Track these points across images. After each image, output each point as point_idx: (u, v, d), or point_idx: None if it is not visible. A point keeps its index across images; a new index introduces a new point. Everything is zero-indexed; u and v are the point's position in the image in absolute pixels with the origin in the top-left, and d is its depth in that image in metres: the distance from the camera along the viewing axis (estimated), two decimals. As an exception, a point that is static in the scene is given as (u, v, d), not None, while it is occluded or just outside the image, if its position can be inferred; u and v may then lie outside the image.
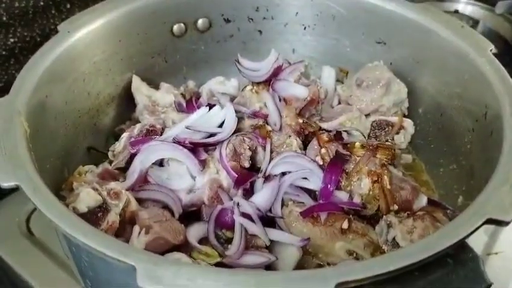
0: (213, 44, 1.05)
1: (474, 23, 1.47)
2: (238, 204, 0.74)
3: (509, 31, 1.41)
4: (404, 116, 0.96)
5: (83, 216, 0.66)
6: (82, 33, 0.87)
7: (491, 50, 0.85)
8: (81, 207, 0.67)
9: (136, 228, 0.70)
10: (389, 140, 0.90)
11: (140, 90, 0.95)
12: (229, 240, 0.75)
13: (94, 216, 0.67)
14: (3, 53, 1.03)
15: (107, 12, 0.91)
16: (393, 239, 0.76)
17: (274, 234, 0.75)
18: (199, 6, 1.02)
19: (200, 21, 1.03)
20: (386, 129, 0.91)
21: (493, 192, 0.64)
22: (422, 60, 0.95)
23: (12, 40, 1.04)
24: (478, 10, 1.53)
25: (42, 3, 1.06)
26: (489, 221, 0.60)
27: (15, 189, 0.96)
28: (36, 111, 0.75)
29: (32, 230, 0.95)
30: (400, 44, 0.98)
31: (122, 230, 0.72)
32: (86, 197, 0.68)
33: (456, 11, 1.52)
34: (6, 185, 0.60)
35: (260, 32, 1.07)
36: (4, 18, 1.01)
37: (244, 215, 0.74)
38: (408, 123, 0.93)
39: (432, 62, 0.93)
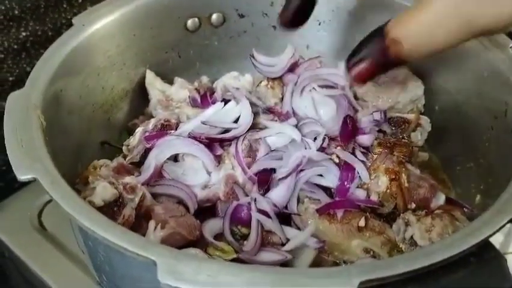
0: (227, 39, 1.05)
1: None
2: (255, 200, 0.73)
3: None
4: (421, 113, 0.94)
5: (99, 210, 0.65)
6: (97, 27, 0.87)
7: (511, 47, 0.84)
8: (97, 201, 0.66)
9: (152, 223, 0.69)
10: (406, 138, 0.89)
11: (154, 85, 0.94)
12: (245, 237, 0.74)
13: (110, 211, 0.67)
14: (15, 46, 1.03)
15: (121, 6, 0.91)
16: (411, 237, 0.75)
17: (290, 232, 0.75)
18: (214, 1, 1.01)
19: (214, 16, 1.02)
20: (403, 126, 0.89)
21: (515, 192, 0.63)
22: (439, 58, 0.93)
23: (24, 34, 1.04)
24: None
25: (54, -3, 1.06)
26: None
27: (26, 183, 0.97)
28: (51, 105, 0.75)
29: (44, 224, 0.94)
30: (417, 40, 0.96)
31: (138, 225, 0.71)
32: (103, 191, 0.67)
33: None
34: (24, 177, 0.60)
35: (274, 27, 1.06)
36: (16, 12, 1.00)
37: (261, 211, 0.73)
38: (425, 120, 0.91)
39: (450, 59, 0.92)
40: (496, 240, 0.93)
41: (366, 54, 0.70)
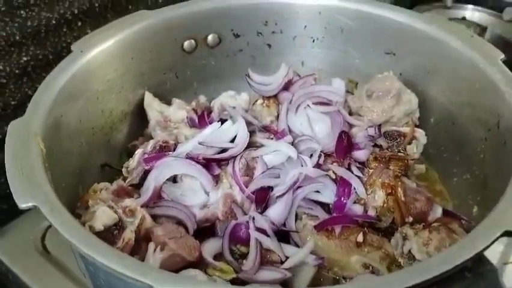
0: (223, 59, 1.06)
1: (482, 29, 1.47)
2: (253, 218, 0.74)
3: (517, 37, 1.41)
4: (416, 126, 0.95)
5: (99, 234, 0.66)
6: (95, 52, 0.89)
7: (501, 59, 0.85)
8: (97, 225, 0.67)
9: (152, 245, 0.70)
10: (401, 151, 0.90)
11: (153, 106, 0.96)
12: (244, 256, 0.75)
13: (110, 235, 0.68)
14: (16, 71, 1.04)
15: (119, 31, 0.93)
16: (409, 251, 0.75)
17: (289, 250, 0.75)
18: (209, 23, 1.03)
19: (210, 37, 1.04)
20: (398, 139, 0.90)
21: (509, 204, 0.64)
22: (432, 70, 0.95)
23: (25, 59, 1.05)
24: (486, 17, 1.53)
25: (54, 22, 1.08)
26: (506, 233, 0.59)
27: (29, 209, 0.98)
28: (51, 131, 0.76)
29: (48, 248, 0.95)
30: (409, 54, 0.98)
31: (137, 248, 0.72)
32: (102, 215, 0.68)
33: (463, 18, 1.52)
34: (24, 205, 0.61)
35: (269, 45, 1.08)
36: (17, 37, 1.02)
37: (259, 230, 0.74)
38: (420, 133, 0.92)
39: (443, 72, 0.93)
40: (496, 250, 0.93)
41: None
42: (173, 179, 0.82)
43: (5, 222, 1.01)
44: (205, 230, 0.79)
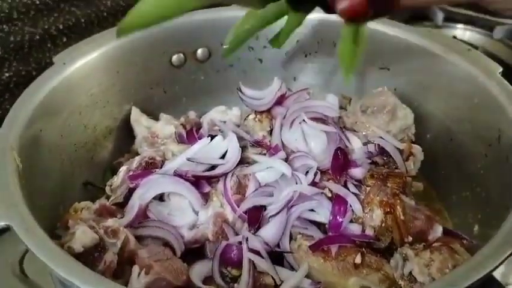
0: (213, 74, 1.04)
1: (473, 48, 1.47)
2: (247, 239, 0.70)
3: (510, 56, 1.41)
4: (412, 142, 0.93)
5: (80, 256, 0.62)
6: (78, 65, 0.86)
7: (500, 72, 0.83)
8: (77, 246, 0.62)
9: (136, 268, 0.66)
10: (398, 168, 0.87)
11: (140, 122, 0.93)
12: (235, 279, 0.71)
13: (90, 256, 0.64)
14: (-2, 87, 1.02)
15: (104, 43, 0.90)
16: (410, 273, 0.72)
17: (283, 273, 0.71)
18: (199, 37, 1.00)
19: (199, 51, 1.02)
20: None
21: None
22: (428, 85, 0.93)
23: (7, 74, 1.03)
24: (476, 36, 1.53)
25: (38, 37, 1.06)
26: (515, 254, 0.56)
27: (6, 229, 0.93)
28: (29, 145, 0.72)
29: (26, 272, 0.89)
30: (404, 69, 0.96)
31: (120, 271, 0.68)
32: (82, 236, 0.63)
33: (454, 37, 1.52)
34: (-3, 225, 0.56)
35: (260, 60, 1.05)
36: (-1, 53, 1.00)
37: (252, 251, 0.70)
38: (417, 149, 0.89)
39: (439, 87, 0.91)
40: (498, 271, 0.90)
41: None
42: (160, 198, 0.78)
43: (-20, 246, 0.96)
44: (193, 252, 0.75)
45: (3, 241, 0.95)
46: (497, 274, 0.88)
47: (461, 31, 1.55)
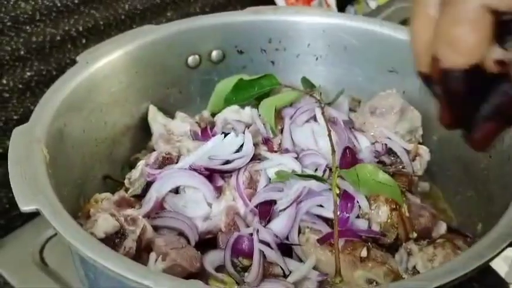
0: (227, 75, 1.06)
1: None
2: (257, 231, 0.74)
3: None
4: (419, 143, 0.95)
5: (101, 242, 0.65)
6: (101, 64, 0.89)
7: (503, 76, 0.86)
8: (99, 233, 0.66)
9: (153, 255, 0.70)
10: (405, 167, 0.90)
11: (156, 120, 0.96)
12: (246, 268, 0.74)
13: (111, 243, 0.67)
14: (20, 86, 1.05)
15: (125, 44, 0.94)
16: (414, 267, 0.75)
17: (292, 264, 0.74)
18: (214, 39, 1.04)
19: (214, 53, 1.05)
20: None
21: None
22: (435, 88, 0.96)
23: (28, 74, 1.06)
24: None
25: (59, 38, 1.09)
26: (513, 244, 0.59)
27: (28, 220, 0.97)
28: (55, 139, 0.76)
29: (46, 261, 0.94)
30: (413, 72, 0.97)
31: (138, 258, 0.71)
32: (104, 223, 0.67)
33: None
34: (27, 208, 0.60)
35: (272, 62, 1.09)
36: (22, 52, 1.03)
37: (263, 242, 0.73)
38: (423, 150, 0.92)
39: (446, 90, 0.94)
40: (501, 271, 0.92)
41: (493, 109, 0.46)
42: (176, 190, 0.81)
43: (2, 236, 1.00)
44: (207, 242, 0.78)
45: (24, 231, 1.00)
46: (502, 273, 0.91)
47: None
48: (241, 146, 0.84)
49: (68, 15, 1.09)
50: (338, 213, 0.79)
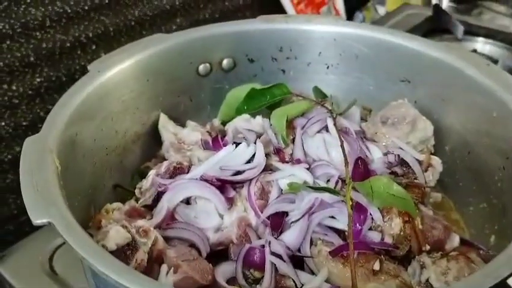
0: (237, 83, 1.06)
1: (493, 62, 1.48)
2: (269, 243, 0.73)
3: (529, 70, 1.41)
4: (431, 153, 0.95)
5: (112, 254, 0.65)
6: (112, 73, 0.89)
7: (518, 87, 0.85)
8: (110, 245, 0.66)
9: (164, 267, 0.69)
10: (417, 178, 0.89)
11: (167, 128, 0.96)
12: (257, 281, 0.73)
13: (122, 255, 0.67)
14: (30, 92, 1.05)
15: (136, 53, 0.94)
16: (427, 280, 0.74)
17: (304, 277, 0.74)
18: (225, 47, 1.04)
19: (225, 61, 1.05)
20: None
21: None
22: (447, 98, 0.95)
23: (38, 80, 1.07)
24: (497, 49, 1.54)
25: (68, 44, 1.10)
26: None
27: (36, 227, 0.97)
28: (66, 149, 0.76)
29: (55, 269, 0.93)
30: (424, 82, 0.98)
31: (149, 269, 0.71)
32: (116, 235, 0.67)
33: (474, 51, 1.53)
34: (39, 221, 0.60)
35: (283, 71, 1.08)
36: (32, 59, 1.04)
37: (275, 254, 0.73)
38: (436, 160, 0.91)
39: (459, 100, 0.93)
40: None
41: None
42: (187, 201, 0.81)
43: (11, 244, 1.00)
44: (218, 254, 0.78)
45: (34, 239, 0.99)
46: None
47: (482, 44, 1.56)
48: (253, 156, 0.84)
49: (78, 22, 1.10)
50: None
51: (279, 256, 0.73)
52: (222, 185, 0.80)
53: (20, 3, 0.99)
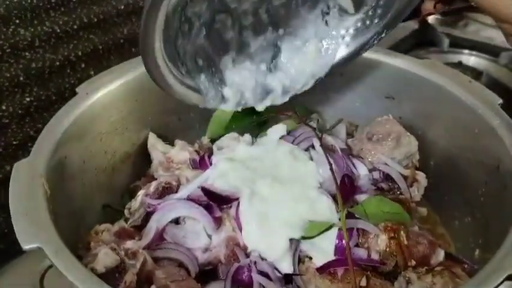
0: (225, 101, 1.07)
1: (478, 74, 1.51)
2: (255, 263, 0.74)
3: (513, 82, 1.43)
4: (416, 168, 0.96)
5: (101, 276, 0.66)
6: (100, 95, 0.90)
7: (499, 104, 0.87)
8: (99, 267, 0.67)
9: (153, 288, 0.70)
10: (403, 193, 0.90)
11: (156, 147, 0.97)
12: (246, 300, 0.74)
13: (111, 277, 0.67)
14: (19, 111, 1.06)
15: (124, 73, 0.94)
16: (413, 295, 0.75)
17: (292, 297, 0.75)
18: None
19: (213, 79, 1.06)
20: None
21: (511, 248, 0.64)
22: (431, 115, 0.97)
23: (28, 99, 1.07)
24: (482, 61, 1.56)
25: (58, 64, 1.10)
26: (509, 277, 0.59)
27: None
28: (56, 172, 0.76)
29: (46, 289, 0.93)
30: (409, 98, 1.00)
31: (139, 290, 0.71)
32: (105, 258, 0.68)
33: (460, 63, 1.56)
34: (28, 247, 0.61)
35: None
36: (21, 78, 1.04)
37: (262, 273, 0.74)
38: (421, 175, 0.93)
39: (442, 116, 0.95)
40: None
41: None
42: (176, 221, 0.82)
43: (1, 263, 1.00)
44: (207, 273, 0.79)
45: (25, 259, 0.99)
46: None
47: (467, 56, 1.58)
48: (241, 174, 0.84)
49: (67, 41, 1.10)
50: (337, 241, 0.80)
51: (266, 275, 0.74)
52: (209, 205, 0.81)
53: (9, 24, 0.99)
